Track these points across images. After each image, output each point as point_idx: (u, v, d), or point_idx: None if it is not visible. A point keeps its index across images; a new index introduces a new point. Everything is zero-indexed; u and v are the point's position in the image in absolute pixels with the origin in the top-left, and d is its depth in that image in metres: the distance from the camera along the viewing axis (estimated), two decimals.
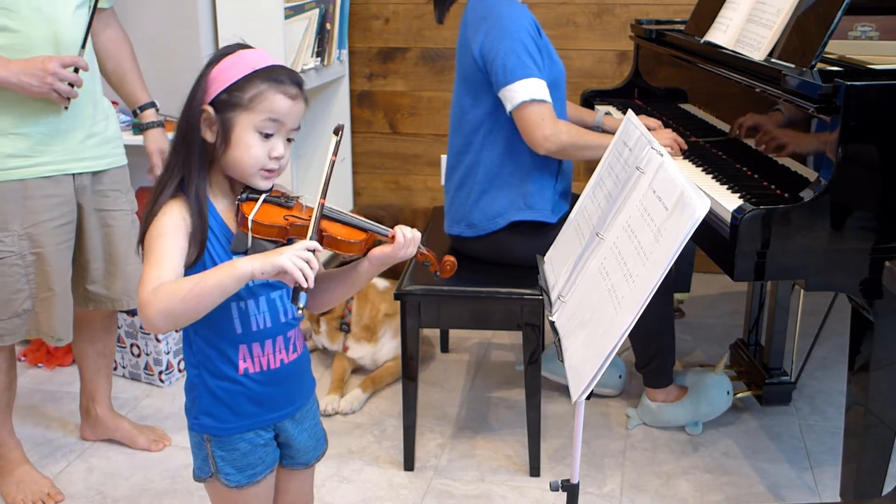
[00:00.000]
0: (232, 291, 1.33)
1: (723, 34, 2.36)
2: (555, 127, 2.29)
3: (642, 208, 1.42)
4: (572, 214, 1.76)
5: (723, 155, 2.28)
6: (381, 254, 1.46)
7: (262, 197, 1.43)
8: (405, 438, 2.42)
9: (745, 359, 2.79)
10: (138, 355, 2.89)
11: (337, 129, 1.44)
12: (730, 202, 1.92)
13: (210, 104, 1.41)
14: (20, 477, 2.30)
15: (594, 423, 2.65)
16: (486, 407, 2.78)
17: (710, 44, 2.40)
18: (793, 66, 1.98)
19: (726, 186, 2.08)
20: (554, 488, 1.59)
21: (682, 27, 2.76)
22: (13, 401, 2.31)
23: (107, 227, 2.28)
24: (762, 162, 2.08)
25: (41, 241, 2.12)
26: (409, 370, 2.37)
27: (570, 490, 1.60)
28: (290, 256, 1.30)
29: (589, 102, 3.08)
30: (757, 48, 2.15)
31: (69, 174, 2.15)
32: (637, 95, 3.07)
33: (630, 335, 1.84)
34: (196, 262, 1.40)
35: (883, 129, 1.77)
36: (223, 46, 1.48)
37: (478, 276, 2.37)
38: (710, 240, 1.94)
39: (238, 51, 1.44)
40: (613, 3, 3.57)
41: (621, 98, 3.06)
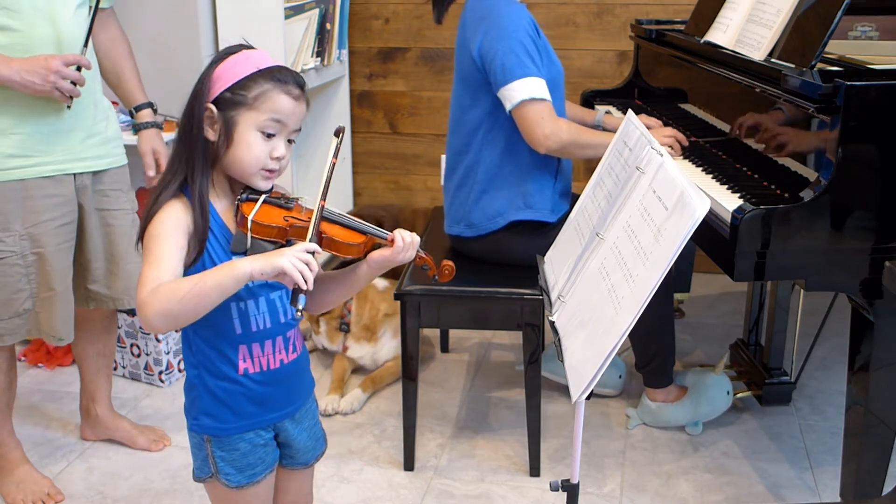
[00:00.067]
0: (231, 292, 1.32)
1: (723, 34, 2.36)
2: (555, 125, 2.29)
3: (642, 208, 1.43)
4: (572, 214, 1.76)
5: (723, 155, 2.28)
6: (379, 257, 1.46)
7: (262, 197, 1.43)
8: (405, 438, 2.42)
9: (745, 359, 2.79)
10: (138, 355, 2.89)
11: (338, 132, 1.44)
12: (730, 202, 1.92)
13: (213, 103, 1.41)
14: (20, 477, 2.30)
15: (594, 423, 2.65)
16: (486, 407, 2.78)
17: (710, 44, 2.39)
18: (793, 66, 1.98)
19: (726, 186, 2.08)
20: (554, 488, 1.59)
21: (682, 27, 2.76)
22: (13, 401, 2.31)
23: (108, 226, 2.28)
24: (762, 162, 2.08)
25: (42, 240, 2.12)
26: (409, 370, 2.37)
27: (570, 490, 1.60)
28: (290, 258, 1.30)
29: (589, 102, 3.08)
30: (757, 48, 2.15)
31: (70, 174, 2.15)
32: (637, 95, 3.07)
33: (630, 335, 1.84)
34: (195, 261, 1.40)
35: (883, 129, 1.77)
36: (226, 46, 1.47)
37: (478, 276, 2.37)
38: (710, 240, 1.94)
39: (242, 50, 1.44)
40: (613, 3, 3.56)
41: (621, 98, 3.06)
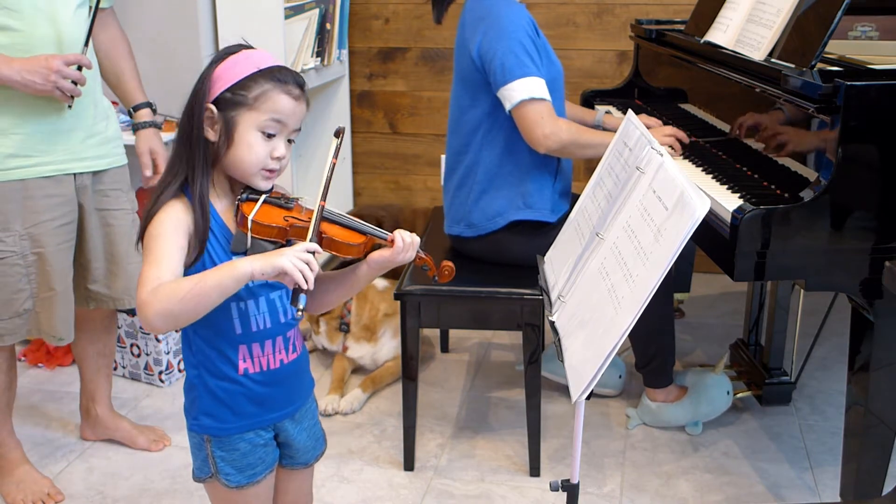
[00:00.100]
0: (231, 292, 1.32)
1: (723, 34, 2.36)
2: (555, 125, 2.29)
3: (642, 208, 1.43)
4: (572, 214, 1.76)
5: (723, 155, 2.28)
6: (379, 258, 1.47)
7: (263, 197, 1.43)
8: (405, 438, 2.42)
9: (745, 359, 2.79)
10: (138, 355, 2.89)
11: (338, 132, 1.44)
12: (730, 202, 1.92)
13: (213, 103, 1.41)
14: (20, 477, 2.30)
15: (594, 423, 2.65)
16: (486, 407, 2.78)
17: (710, 44, 2.39)
18: (793, 66, 1.98)
19: (726, 186, 2.08)
20: (554, 488, 1.59)
21: (682, 27, 2.76)
22: (13, 401, 2.31)
23: (108, 226, 2.28)
24: (762, 162, 2.08)
25: (42, 240, 2.12)
26: (409, 370, 2.37)
27: (570, 490, 1.60)
28: (291, 258, 1.30)
29: (589, 102, 3.08)
30: (757, 48, 2.15)
31: (70, 174, 2.15)
32: (637, 95, 3.07)
33: (630, 335, 1.84)
34: (195, 262, 1.40)
35: (883, 129, 1.77)
36: (226, 46, 1.47)
37: (478, 276, 2.37)
38: (710, 240, 1.94)
39: (241, 50, 1.44)
40: (613, 3, 3.56)
41: (621, 98, 3.06)
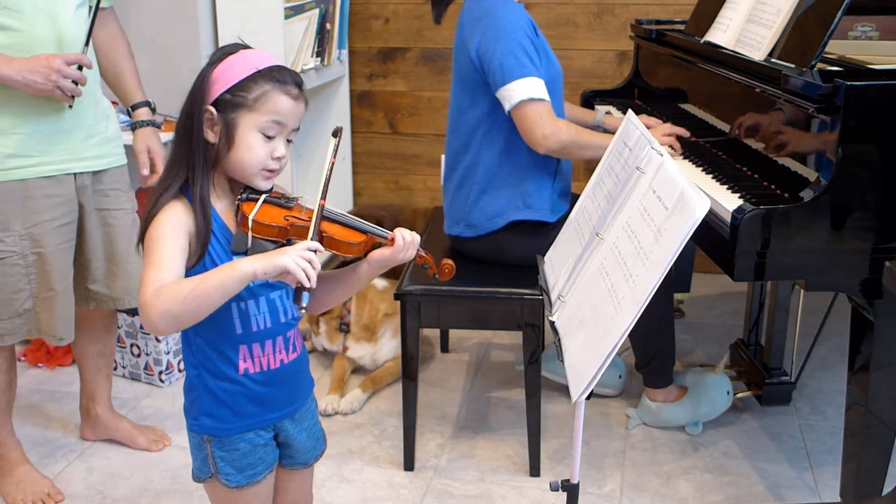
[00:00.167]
0: (234, 292, 1.32)
1: (723, 34, 2.36)
2: (554, 125, 2.29)
3: (642, 208, 1.42)
4: (572, 214, 1.76)
5: (723, 155, 2.28)
6: (380, 256, 1.47)
7: (263, 197, 1.43)
8: (405, 438, 2.42)
9: (745, 359, 2.79)
10: (138, 355, 2.89)
11: (336, 132, 1.44)
12: (730, 202, 1.92)
13: (212, 104, 1.40)
14: (20, 477, 2.30)
15: (594, 423, 2.65)
16: (486, 407, 2.78)
17: (710, 44, 2.39)
18: (793, 66, 1.98)
19: (726, 186, 2.08)
20: (554, 488, 1.59)
21: (682, 27, 2.76)
22: (13, 401, 2.31)
23: (108, 226, 2.28)
24: (762, 162, 2.08)
25: (42, 240, 2.12)
26: (409, 370, 2.37)
27: (570, 490, 1.60)
28: (293, 257, 1.30)
29: (589, 102, 3.08)
30: (757, 48, 2.15)
31: (70, 174, 2.15)
32: (637, 95, 3.07)
33: (630, 335, 1.84)
34: (197, 263, 1.40)
35: (883, 129, 1.77)
36: (223, 46, 1.47)
37: (478, 276, 2.37)
38: (710, 240, 1.94)
39: (239, 50, 1.44)
40: (613, 3, 3.56)
41: (621, 98, 3.06)
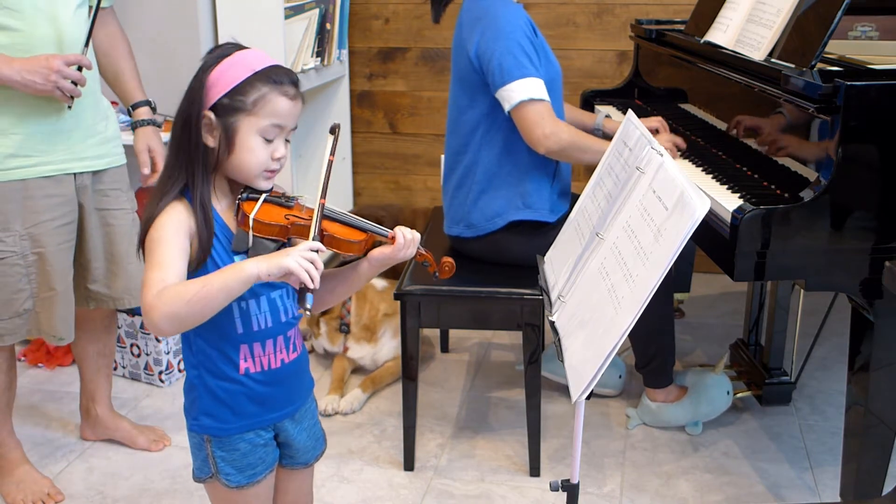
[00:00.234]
0: (238, 294, 1.32)
1: (723, 34, 2.36)
2: (555, 125, 2.29)
3: (642, 208, 1.43)
4: (572, 214, 1.76)
5: (723, 155, 2.28)
6: (380, 255, 1.47)
7: (263, 196, 1.43)
8: (405, 438, 2.42)
9: (745, 359, 2.79)
10: (138, 355, 2.89)
11: (333, 129, 1.43)
12: (730, 202, 1.92)
13: (210, 108, 1.39)
14: (20, 477, 2.30)
15: (594, 423, 2.65)
16: (486, 407, 2.78)
17: (710, 44, 2.39)
18: (793, 66, 1.98)
19: (726, 186, 2.08)
20: (554, 488, 1.59)
21: (682, 27, 2.76)
22: (13, 401, 2.31)
23: (108, 226, 2.28)
24: (762, 162, 2.08)
25: (42, 240, 2.12)
26: (409, 370, 2.37)
27: (570, 490, 1.60)
28: (296, 258, 1.30)
29: (589, 102, 3.08)
30: (757, 48, 2.15)
31: (70, 174, 2.15)
32: (637, 95, 3.07)
33: (630, 335, 1.84)
34: (199, 266, 1.40)
35: (883, 129, 1.77)
36: (216, 47, 1.45)
37: (478, 276, 2.37)
38: (710, 240, 1.94)
39: (234, 52, 1.42)
40: (613, 3, 3.56)
41: (621, 98, 3.06)
